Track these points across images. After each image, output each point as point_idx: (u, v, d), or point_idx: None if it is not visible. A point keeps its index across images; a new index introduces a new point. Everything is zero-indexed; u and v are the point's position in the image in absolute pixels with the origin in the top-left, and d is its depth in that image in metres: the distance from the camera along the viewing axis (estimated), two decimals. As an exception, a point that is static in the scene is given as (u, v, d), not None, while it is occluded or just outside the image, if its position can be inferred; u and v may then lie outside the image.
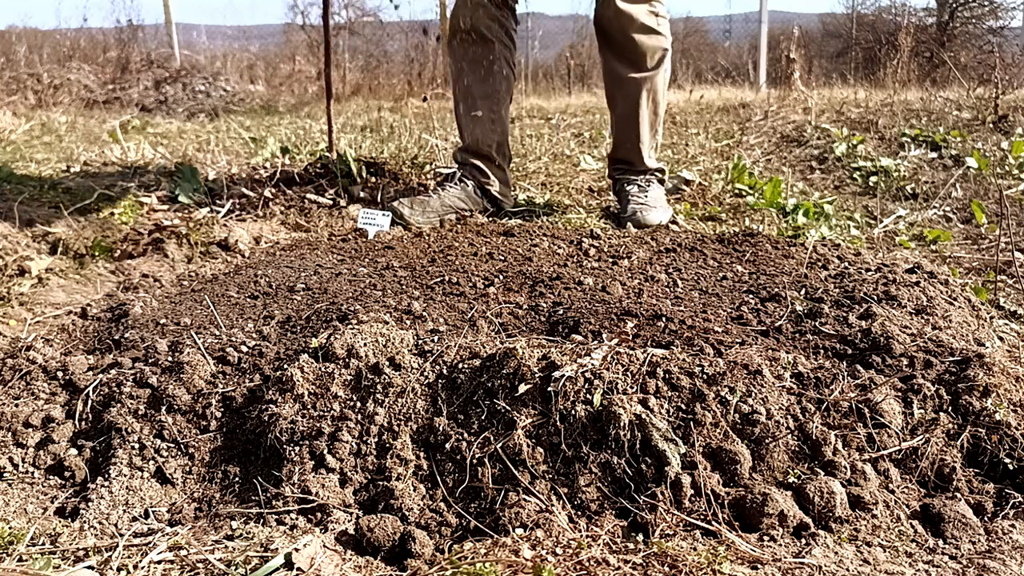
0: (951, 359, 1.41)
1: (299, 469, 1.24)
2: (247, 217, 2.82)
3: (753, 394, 1.27)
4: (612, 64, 2.71)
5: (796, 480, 1.19)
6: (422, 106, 6.36)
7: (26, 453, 1.34)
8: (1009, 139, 3.90)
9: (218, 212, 2.80)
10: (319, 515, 1.18)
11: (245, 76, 8.27)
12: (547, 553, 1.06)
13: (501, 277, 1.94)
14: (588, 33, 13.88)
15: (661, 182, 2.91)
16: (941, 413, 1.30)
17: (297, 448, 1.26)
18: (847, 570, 1.04)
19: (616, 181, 2.92)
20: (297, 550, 1.07)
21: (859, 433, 1.26)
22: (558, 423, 1.23)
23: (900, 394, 1.33)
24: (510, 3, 2.78)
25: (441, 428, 1.26)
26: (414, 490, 1.21)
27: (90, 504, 1.21)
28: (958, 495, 1.21)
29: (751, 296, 1.80)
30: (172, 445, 1.32)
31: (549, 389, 1.25)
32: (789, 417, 1.26)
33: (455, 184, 2.78)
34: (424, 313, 1.67)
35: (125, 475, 1.27)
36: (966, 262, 2.38)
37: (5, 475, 1.30)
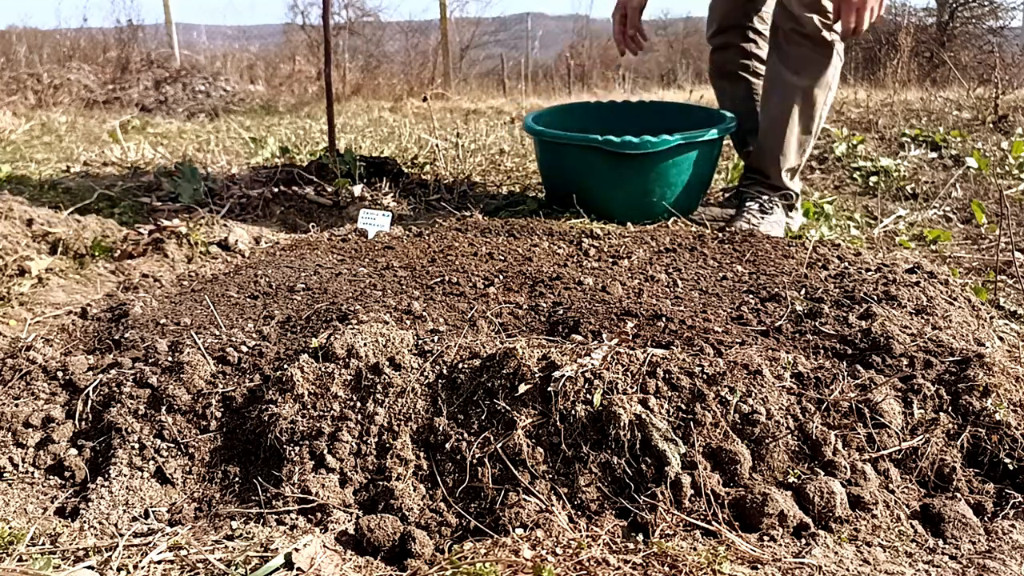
0: (951, 359, 1.41)
1: (299, 469, 1.24)
2: (247, 217, 2.82)
3: (753, 394, 1.28)
4: (776, 66, 2.59)
5: (796, 480, 1.19)
6: (422, 106, 6.37)
7: (26, 453, 1.34)
8: (1009, 139, 3.90)
9: (218, 212, 2.80)
10: (319, 515, 1.18)
11: (245, 76, 8.27)
12: (547, 553, 1.06)
13: (501, 277, 1.94)
14: (588, 33, 13.89)
15: (790, 208, 2.70)
16: (941, 413, 1.30)
17: (297, 448, 1.26)
18: (847, 570, 1.05)
19: (740, 193, 2.72)
20: (297, 550, 1.07)
21: (859, 433, 1.26)
22: (558, 423, 1.23)
23: (900, 394, 1.33)
24: (760, 30, 2.78)
25: (441, 428, 1.26)
26: (414, 490, 1.21)
27: (90, 504, 1.21)
28: (958, 495, 1.21)
29: (751, 296, 1.80)
30: (172, 445, 1.32)
31: (549, 389, 1.25)
32: (789, 417, 1.26)
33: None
34: (424, 313, 1.67)
35: (125, 475, 1.27)
36: (966, 262, 2.38)
37: (5, 475, 1.30)
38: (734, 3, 2.77)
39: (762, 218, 2.58)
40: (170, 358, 1.47)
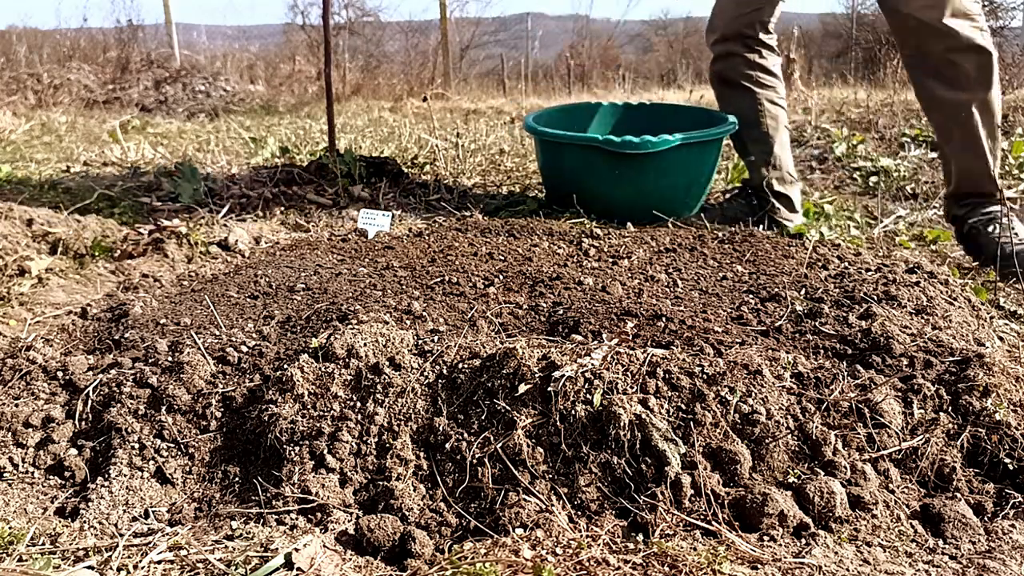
0: (951, 359, 1.41)
1: (299, 469, 1.24)
2: (247, 217, 2.82)
3: (753, 394, 1.27)
4: (940, 91, 2.37)
5: (796, 480, 1.19)
6: (422, 106, 6.36)
7: (26, 453, 1.34)
8: (1009, 139, 3.90)
9: (218, 212, 2.80)
10: (319, 515, 1.18)
11: (245, 76, 8.27)
12: (547, 553, 1.06)
13: (501, 277, 1.94)
14: (588, 33, 13.89)
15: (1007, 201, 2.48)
16: (941, 413, 1.30)
17: (297, 448, 1.26)
18: (847, 570, 1.05)
19: (961, 220, 2.48)
20: (297, 550, 1.07)
21: (859, 433, 1.26)
22: (558, 423, 1.23)
23: (900, 394, 1.33)
24: (765, 41, 2.72)
25: (441, 428, 1.26)
26: (414, 490, 1.21)
27: (90, 504, 1.21)
28: (958, 495, 1.21)
29: (751, 296, 1.80)
30: (172, 445, 1.32)
31: (549, 389, 1.25)
32: (789, 417, 1.26)
33: (741, 199, 2.86)
34: (424, 313, 1.67)
35: (125, 475, 1.27)
36: (966, 262, 2.38)
37: (5, 475, 1.30)
38: (739, 12, 2.72)
39: (1013, 231, 2.36)
40: (170, 358, 1.47)
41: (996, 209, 2.44)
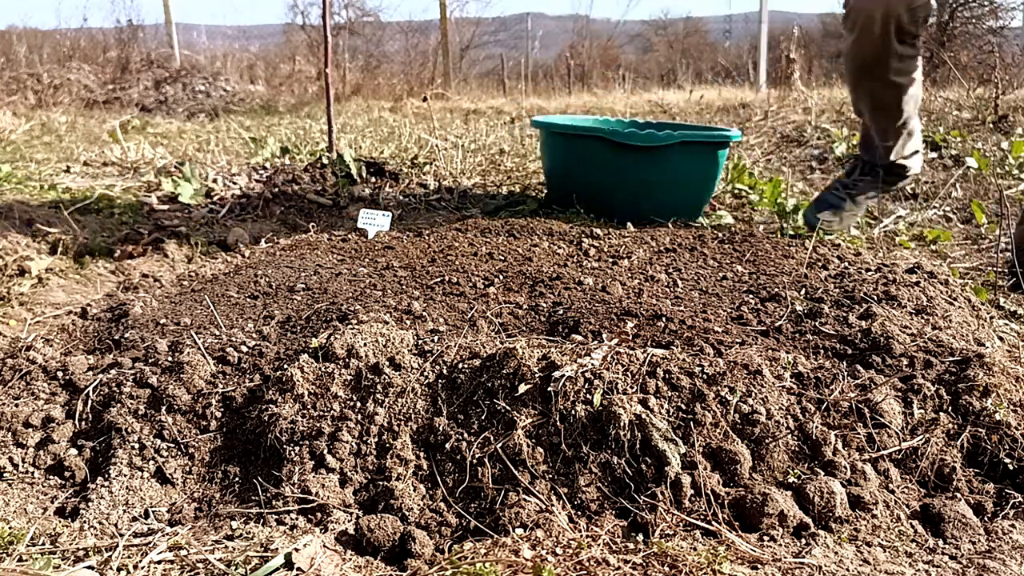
0: (951, 359, 1.41)
1: (299, 469, 1.24)
2: (247, 217, 2.82)
3: (753, 394, 1.27)
4: None
5: (796, 480, 1.19)
6: (422, 106, 6.36)
7: (26, 453, 1.34)
8: (1009, 139, 3.90)
9: (218, 212, 2.80)
10: (319, 515, 1.18)
11: (245, 76, 8.27)
12: (547, 553, 1.06)
13: (501, 277, 1.94)
14: (588, 33, 13.89)
15: None
16: (941, 413, 1.30)
17: (297, 448, 1.26)
18: (847, 570, 1.05)
19: None
20: (297, 550, 1.07)
21: (859, 433, 1.26)
22: (558, 423, 1.23)
23: (900, 394, 1.33)
24: (916, 32, 2.48)
25: (441, 428, 1.26)
26: (414, 490, 1.21)
27: (90, 504, 1.21)
28: (958, 495, 1.21)
29: (751, 296, 1.80)
30: (172, 445, 1.32)
31: (549, 389, 1.25)
32: (789, 417, 1.26)
33: (867, 175, 2.72)
34: (424, 313, 1.67)
35: (125, 475, 1.27)
36: (966, 262, 2.38)
37: (5, 475, 1.30)
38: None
39: None
40: (170, 358, 1.47)
41: None
